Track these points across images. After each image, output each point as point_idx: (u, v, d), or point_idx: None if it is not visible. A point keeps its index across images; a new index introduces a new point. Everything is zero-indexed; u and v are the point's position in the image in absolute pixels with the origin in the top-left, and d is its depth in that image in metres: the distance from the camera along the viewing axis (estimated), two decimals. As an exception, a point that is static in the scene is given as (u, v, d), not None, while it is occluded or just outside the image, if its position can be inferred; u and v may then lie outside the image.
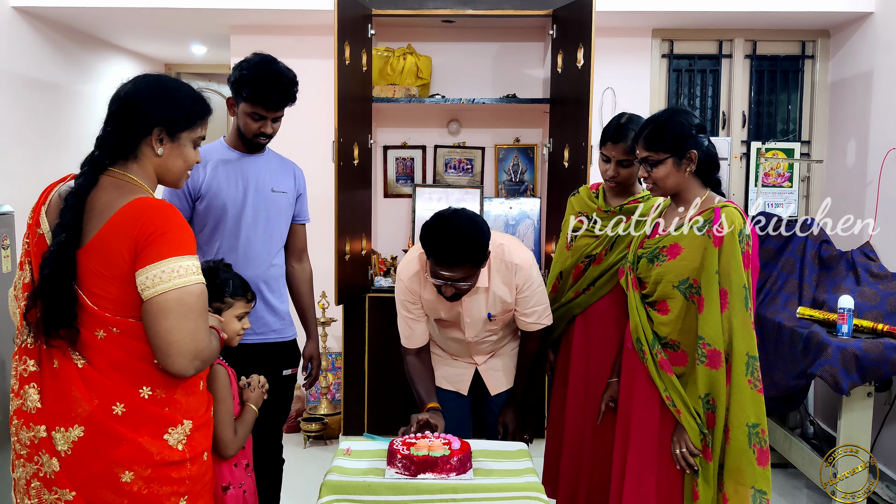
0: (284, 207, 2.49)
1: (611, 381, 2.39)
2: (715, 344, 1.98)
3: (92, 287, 1.50)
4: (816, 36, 4.25)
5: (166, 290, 1.46)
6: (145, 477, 1.51)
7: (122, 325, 1.50)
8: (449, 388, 2.55)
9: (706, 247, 2.00)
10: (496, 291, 2.34)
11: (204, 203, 2.37)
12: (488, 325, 2.42)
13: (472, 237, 2.16)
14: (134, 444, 1.50)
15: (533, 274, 2.37)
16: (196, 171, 2.37)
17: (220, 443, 1.87)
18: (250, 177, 2.41)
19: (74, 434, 1.50)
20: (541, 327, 2.44)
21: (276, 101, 2.31)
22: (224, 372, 1.89)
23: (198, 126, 1.66)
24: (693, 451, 2.02)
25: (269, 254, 2.46)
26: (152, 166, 1.61)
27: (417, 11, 3.86)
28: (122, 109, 1.59)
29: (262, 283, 2.40)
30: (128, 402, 1.51)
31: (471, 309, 2.37)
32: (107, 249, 1.49)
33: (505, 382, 2.54)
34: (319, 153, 3.83)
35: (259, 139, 2.38)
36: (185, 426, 1.56)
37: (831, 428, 3.62)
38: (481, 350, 2.52)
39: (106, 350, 1.51)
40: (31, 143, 4.06)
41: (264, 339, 2.43)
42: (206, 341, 1.53)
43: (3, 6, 3.82)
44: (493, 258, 2.32)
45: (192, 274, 1.50)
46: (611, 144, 2.35)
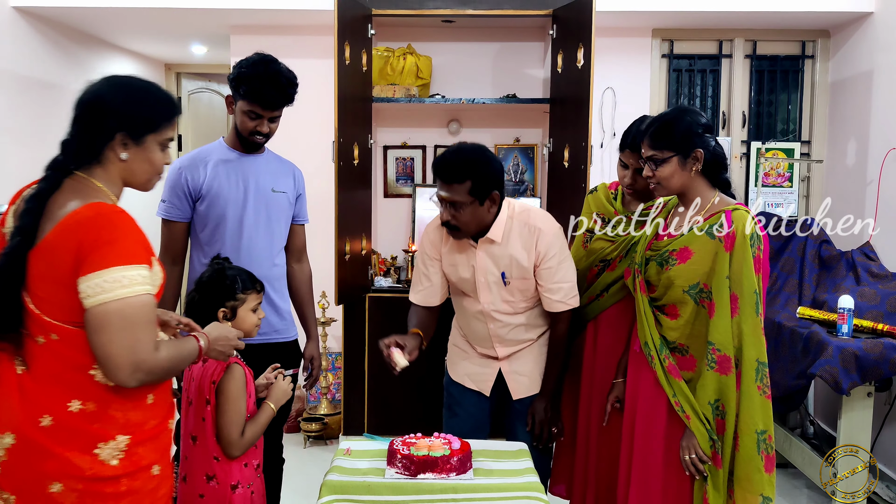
0: (285, 207, 2.49)
1: (616, 382, 2.35)
2: (725, 349, 1.95)
3: (37, 290, 1.47)
4: (816, 36, 4.25)
5: (107, 300, 1.41)
6: (78, 490, 1.46)
7: (61, 332, 1.47)
8: (472, 387, 2.49)
9: (717, 251, 1.97)
10: (512, 252, 2.29)
11: (205, 203, 2.37)
12: (504, 293, 2.34)
13: (471, 158, 2.19)
14: (62, 459, 1.45)
15: (558, 243, 2.30)
16: (196, 171, 2.37)
17: (225, 443, 1.87)
18: (250, 177, 2.42)
19: (6, 441, 1.46)
20: (568, 308, 2.34)
21: (272, 101, 2.31)
22: (240, 371, 1.90)
23: (164, 128, 1.60)
24: (703, 458, 1.99)
25: (272, 254, 2.46)
26: (117, 171, 1.57)
27: (417, 11, 3.85)
28: (85, 113, 1.55)
29: (266, 283, 2.40)
30: (55, 414, 1.46)
31: (485, 266, 2.32)
32: (52, 252, 1.45)
33: (529, 387, 2.44)
34: (319, 153, 3.83)
35: (255, 138, 2.37)
36: (120, 441, 1.49)
37: (831, 428, 3.62)
38: (502, 337, 2.40)
39: (43, 357, 1.47)
40: (31, 143, 4.05)
41: (267, 339, 2.43)
42: (148, 353, 1.46)
43: (3, 6, 3.82)
44: (513, 219, 2.29)
45: (137, 284, 1.44)
46: (629, 152, 2.29)
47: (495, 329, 2.40)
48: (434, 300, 2.45)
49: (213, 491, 1.89)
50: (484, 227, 2.29)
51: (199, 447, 1.90)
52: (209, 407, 1.89)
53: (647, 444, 2.10)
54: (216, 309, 1.97)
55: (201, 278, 2.04)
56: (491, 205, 2.26)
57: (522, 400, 2.45)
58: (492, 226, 2.29)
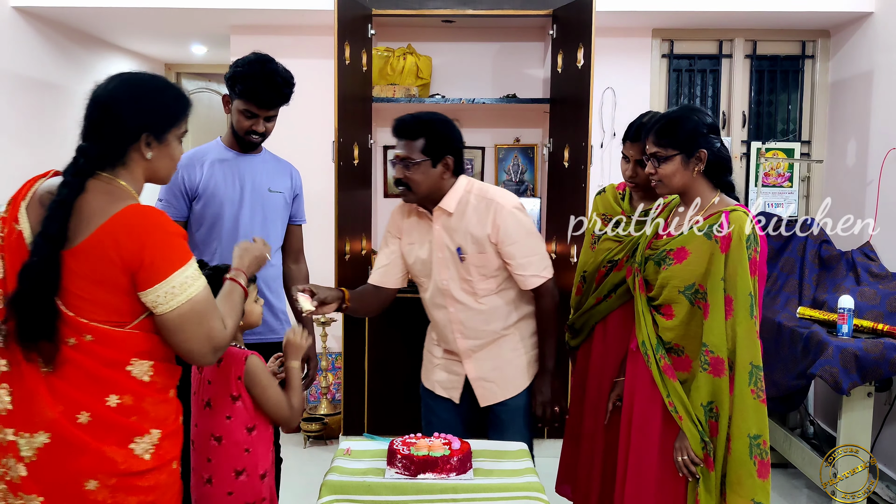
0: (281, 207, 2.49)
1: (617, 381, 2.35)
2: (718, 352, 1.94)
3: (75, 290, 1.48)
4: (816, 36, 4.25)
5: (179, 304, 1.50)
6: (110, 486, 1.49)
7: (96, 333, 1.49)
8: (443, 395, 2.46)
9: (713, 252, 1.96)
10: (468, 226, 2.28)
11: (201, 203, 2.36)
12: (462, 270, 2.30)
13: (428, 118, 2.28)
14: (98, 454, 1.48)
15: (518, 218, 2.28)
16: (193, 171, 2.36)
17: (283, 422, 1.95)
18: (247, 176, 2.41)
19: (39, 440, 1.48)
20: (544, 280, 2.31)
21: (268, 100, 2.30)
22: (257, 359, 1.91)
23: (182, 122, 1.64)
24: (694, 460, 1.98)
25: None
26: (141, 169, 1.59)
27: (417, 11, 3.85)
28: (102, 116, 1.55)
29: (262, 284, 2.39)
30: (93, 410, 1.49)
31: (441, 241, 2.31)
32: (95, 254, 1.47)
33: (496, 394, 2.39)
34: (319, 153, 3.83)
35: (251, 137, 2.36)
36: (153, 435, 1.55)
37: (831, 428, 3.62)
38: (464, 324, 2.34)
39: (74, 358, 1.49)
40: (31, 143, 4.05)
41: (263, 339, 2.42)
42: (220, 334, 1.58)
43: (3, 6, 3.82)
44: (471, 193, 2.30)
45: (195, 280, 1.54)
46: (630, 143, 2.30)
47: (456, 314, 2.35)
48: (387, 281, 2.44)
49: (243, 485, 1.90)
50: (437, 193, 2.29)
51: (225, 445, 1.91)
52: (238, 402, 1.90)
53: (642, 443, 2.10)
54: None
55: None
56: (444, 170, 2.27)
57: (491, 407, 2.41)
58: (446, 196, 2.29)
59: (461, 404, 2.45)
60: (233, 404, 1.90)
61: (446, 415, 2.47)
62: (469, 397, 2.44)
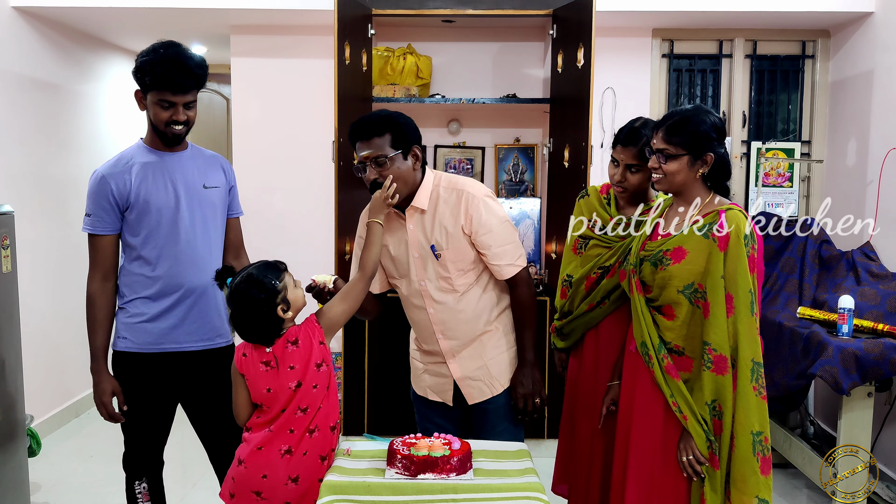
0: (219, 204, 2.38)
1: (611, 385, 2.34)
2: (721, 349, 1.95)
3: None
4: (816, 36, 4.25)
5: None
6: None
7: None
8: (436, 399, 2.45)
9: (711, 251, 1.97)
10: (440, 220, 2.24)
11: (135, 212, 2.24)
12: (439, 268, 2.27)
13: (386, 114, 2.23)
14: None
15: (489, 206, 2.25)
16: (122, 179, 2.23)
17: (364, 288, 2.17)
18: (178, 176, 2.28)
19: None
20: (519, 269, 2.28)
21: (182, 84, 2.17)
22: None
23: None
24: (700, 460, 1.98)
25: (213, 254, 2.35)
26: None
27: (417, 11, 3.85)
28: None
29: (211, 287, 2.30)
30: None
31: (416, 240, 2.28)
32: None
33: (483, 392, 2.37)
34: (319, 153, 3.83)
35: (173, 128, 2.22)
36: None
37: (831, 428, 3.62)
38: (445, 324, 2.31)
39: None
40: (31, 143, 4.05)
41: (211, 344, 2.36)
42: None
43: (3, 6, 3.82)
44: (439, 185, 2.27)
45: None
46: (620, 147, 2.27)
47: (436, 314, 2.32)
48: (375, 287, 2.40)
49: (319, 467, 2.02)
50: (413, 188, 2.26)
51: (318, 433, 2.00)
52: (323, 367, 1.99)
53: (644, 445, 2.09)
54: (272, 313, 1.95)
55: (237, 305, 1.96)
56: (415, 161, 2.24)
57: (480, 405, 2.39)
58: (418, 192, 2.26)
59: (454, 407, 2.43)
60: (317, 373, 1.99)
61: (441, 419, 2.46)
62: (461, 398, 2.42)
